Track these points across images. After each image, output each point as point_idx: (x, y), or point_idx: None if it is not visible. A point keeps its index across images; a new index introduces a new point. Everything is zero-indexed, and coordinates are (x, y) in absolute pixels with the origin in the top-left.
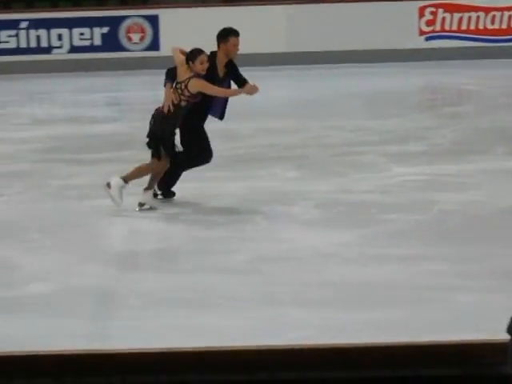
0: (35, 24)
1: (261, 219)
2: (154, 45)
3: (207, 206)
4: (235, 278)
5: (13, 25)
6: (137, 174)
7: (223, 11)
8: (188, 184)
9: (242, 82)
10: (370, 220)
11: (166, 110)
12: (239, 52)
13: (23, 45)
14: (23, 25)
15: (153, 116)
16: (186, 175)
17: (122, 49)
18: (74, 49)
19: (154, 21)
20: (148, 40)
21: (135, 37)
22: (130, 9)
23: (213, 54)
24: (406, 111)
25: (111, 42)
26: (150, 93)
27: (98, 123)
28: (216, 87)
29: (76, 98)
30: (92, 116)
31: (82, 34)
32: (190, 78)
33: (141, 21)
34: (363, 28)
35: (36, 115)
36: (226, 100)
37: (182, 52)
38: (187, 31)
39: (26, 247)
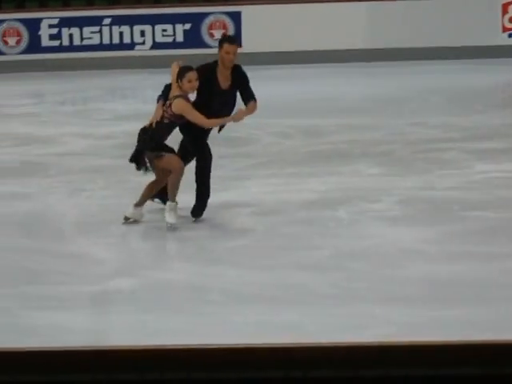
0: (118, 20)
1: (343, 215)
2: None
3: (290, 202)
4: (318, 274)
5: (96, 21)
6: (171, 188)
7: (305, 8)
8: (270, 180)
9: (246, 98)
10: (453, 217)
11: (148, 124)
12: (319, 48)
13: (106, 41)
14: (106, 21)
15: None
16: (266, 171)
17: (204, 45)
18: (156, 45)
19: (236, 17)
20: None
21: (217, 33)
22: (213, 5)
23: (214, 64)
24: (490, 108)
25: (193, 39)
26: None
27: None
28: (197, 114)
29: (158, 93)
30: None
31: (164, 30)
32: (176, 97)
33: (223, 17)
34: (445, 25)
35: (118, 111)
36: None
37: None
38: (269, 28)
39: (108, 242)
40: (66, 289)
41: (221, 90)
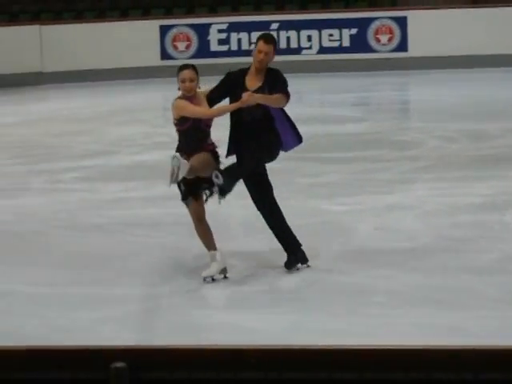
0: (285, 25)
1: (510, 219)
2: (402, 46)
3: (455, 206)
4: (485, 277)
5: (264, 26)
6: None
7: (471, 13)
8: (435, 183)
9: (276, 92)
10: None
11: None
12: (486, 53)
13: None
14: (274, 26)
15: None
16: (432, 175)
17: (370, 50)
18: (322, 50)
19: (402, 22)
20: (396, 41)
21: (383, 38)
22: (379, 10)
23: (247, 67)
24: None
25: (359, 43)
26: (397, 93)
27: (345, 122)
28: (195, 108)
29: (324, 97)
30: (340, 115)
31: (330, 35)
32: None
33: (389, 22)
34: None
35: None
36: (286, 125)
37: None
38: (435, 32)
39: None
40: (234, 289)
41: (245, 91)
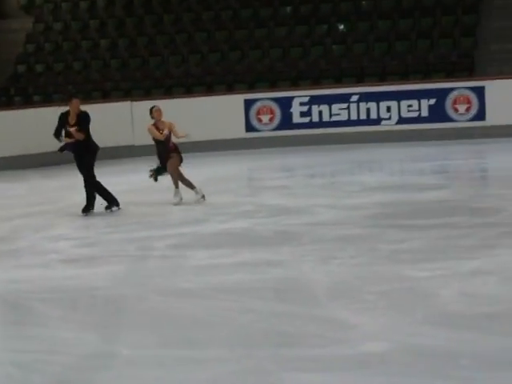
0: (365, 97)
1: None
2: (480, 115)
3: None
4: None
5: (344, 98)
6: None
7: None
8: None
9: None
10: None
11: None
12: None
13: (353, 117)
14: (354, 98)
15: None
16: (509, 240)
17: (449, 119)
18: (402, 120)
19: (479, 92)
20: (474, 110)
21: (461, 108)
22: (457, 81)
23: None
24: None
25: (438, 113)
26: (476, 161)
27: (426, 190)
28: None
29: (404, 166)
30: (420, 183)
31: (409, 105)
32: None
33: (467, 92)
34: None
35: (366, 183)
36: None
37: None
38: None
39: (360, 308)
40: (321, 351)
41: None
